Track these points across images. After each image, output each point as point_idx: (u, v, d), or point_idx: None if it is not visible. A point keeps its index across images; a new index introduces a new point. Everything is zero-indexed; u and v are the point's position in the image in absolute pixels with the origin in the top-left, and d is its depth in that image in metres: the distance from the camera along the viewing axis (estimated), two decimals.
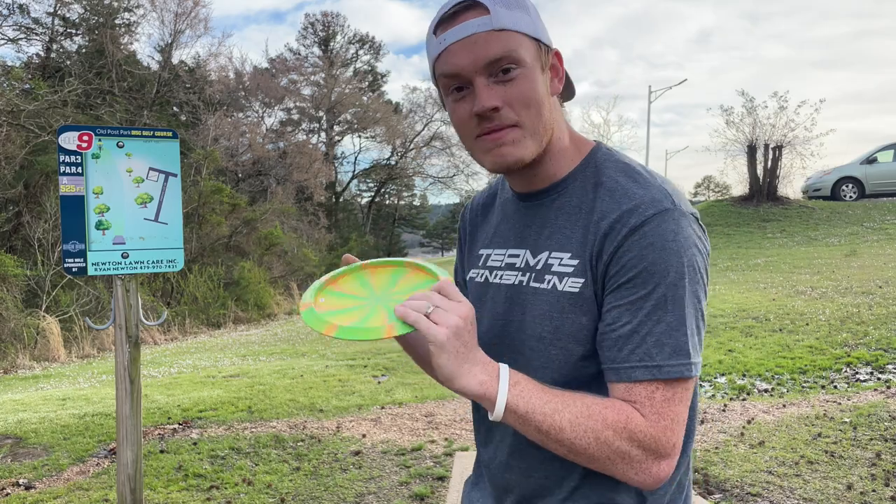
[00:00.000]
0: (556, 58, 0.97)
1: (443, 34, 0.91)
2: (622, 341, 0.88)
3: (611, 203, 0.92)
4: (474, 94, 0.91)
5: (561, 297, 0.94)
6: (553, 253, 0.97)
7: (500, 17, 0.89)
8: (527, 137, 0.92)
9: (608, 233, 0.90)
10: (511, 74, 0.90)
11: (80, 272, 2.83)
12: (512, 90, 0.90)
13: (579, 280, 0.92)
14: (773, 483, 3.41)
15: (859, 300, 7.37)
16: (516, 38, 0.90)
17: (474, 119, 0.92)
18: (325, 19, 39.68)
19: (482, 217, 1.16)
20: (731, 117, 17.45)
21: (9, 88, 15.82)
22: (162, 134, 3.02)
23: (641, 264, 0.87)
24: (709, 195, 61.48)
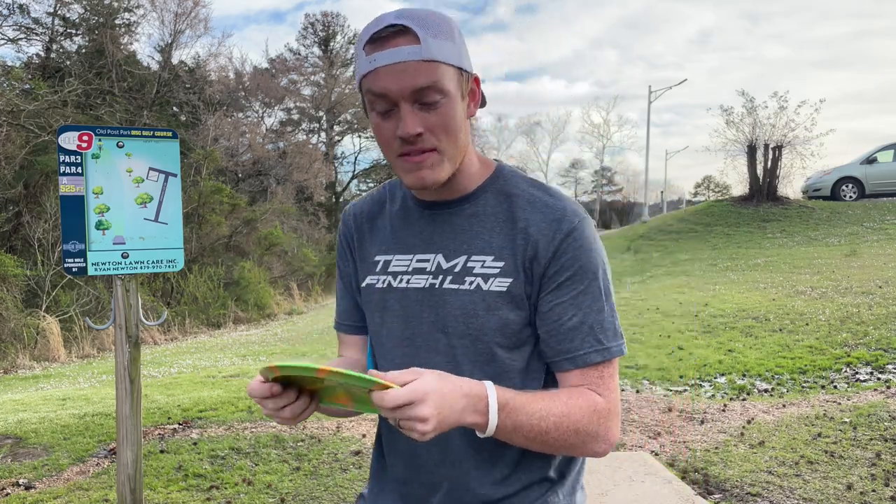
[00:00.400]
0: (474, 83, 1.04)
1: (374, 54, 0.97)
2: (573, 333, 1.01)
3: (534, 213, 1.04)
4: (399, 116, 0.97)
5: (487, 296, 1.03)
6: (473, 256, 1.05)
7: (429, 48, 0.95)
8: (444, 161, 1.00)
9: (541, 239, 1.02)
10: (436, 102, 0.97)
11: (80, 272, 2.83)
12: (434, 118, 0.97)
13: (507, 280, 1.03)
14: (773, 483, 3.41)
15: (859, 300, 7.37)
16: (442, 69, 0.96)
17: (398, 140, 0.99)
18: (325, 19, 39.70)
19: (369, 225, 1.19)
20: (731, 117, 17.46)
21: (9, 88, 15.83)
22: (162, 134, 3.02)
23: (577, 264, 1.01)
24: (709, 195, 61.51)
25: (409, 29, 0.95)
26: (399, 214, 1.14)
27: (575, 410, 0.97)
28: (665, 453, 4.02)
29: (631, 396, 5.30)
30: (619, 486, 3.45)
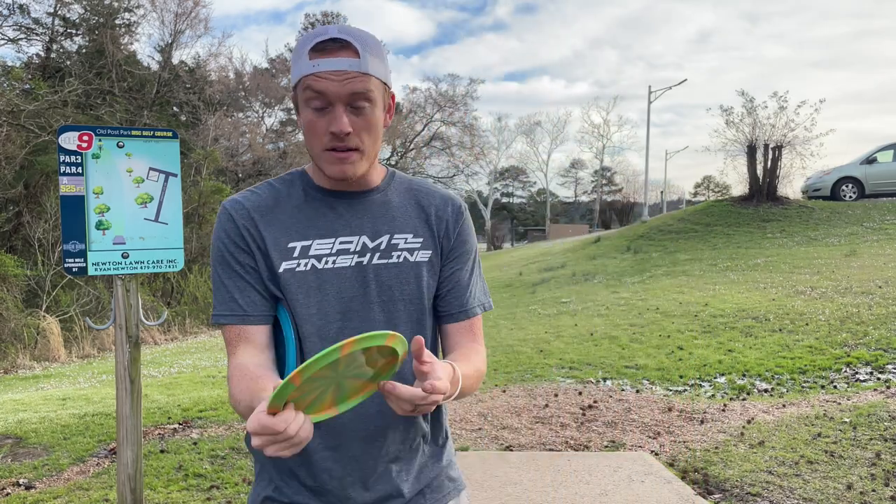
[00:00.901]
0: (391, 98, 1.24)
1: (317, 59, 1.13)
2: (465, 291, 1.31)
3: (438, 199, 1.31)
4: (333, 115, 1.13)
5: (414, 267, 1.25)
6: (395, 235, 1.25)
7: (367, 63, 1.13)
8: (363, 159, 1.18)
9: (448, 219, 1.29)
10: (364, 109, 1.15)
11: (81, 272, 2.83)
12: (361, 121, 1.15)
13: (427, 252, 1.27)
14: (773, 483, 3.41)
15: (859, 300, 7.37)
16: (373, 82, 1.14)
17: (328, 135, 1.15)
18: (325, 19, 39.71)
19: (268, 217, 1.24)
20: (730, 117, 17.44)
21: (9, 88, 15.83)
22: (162, 134, 3.02)
23: (469, 239, 1.32)
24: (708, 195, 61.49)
25: (350, 44, 1.13)
26: (308, 204, 1.25)
27: (481, 365, 1.26)
28: (665, 453, 4.02)
29: (631, 396, 5.31)
30: (619, 486, 3.45)
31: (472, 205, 51.14)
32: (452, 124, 40.58)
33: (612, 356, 6.62)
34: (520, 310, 10.51)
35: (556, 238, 34.04)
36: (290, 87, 1.21)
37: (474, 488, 3.51)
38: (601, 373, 6.10)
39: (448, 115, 40.23)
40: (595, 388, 5.64)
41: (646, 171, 25.37)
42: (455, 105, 40.51)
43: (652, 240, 15.51)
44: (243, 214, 1.23)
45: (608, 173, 57.29)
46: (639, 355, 6.56)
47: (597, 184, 55.51)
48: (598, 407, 5.03)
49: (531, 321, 9.12)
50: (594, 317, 8.51)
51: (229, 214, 1.24)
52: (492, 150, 48.49)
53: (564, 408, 5.05)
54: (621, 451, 4.07)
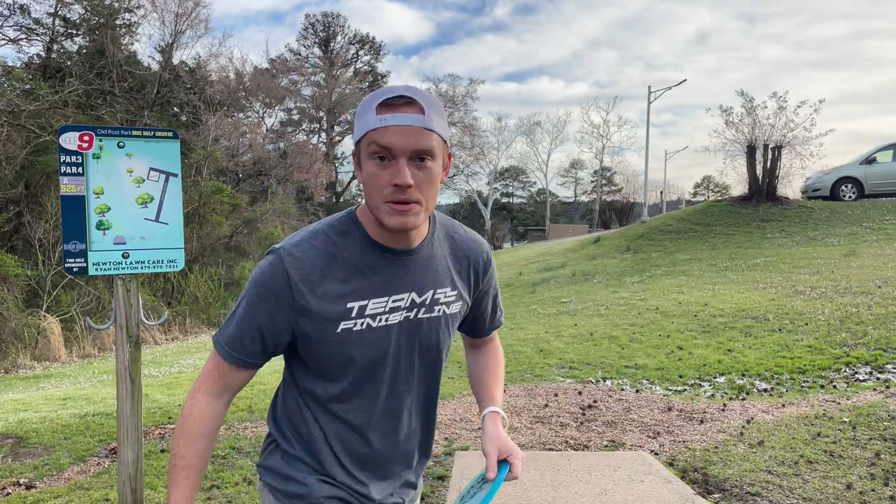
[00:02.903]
0: (448, 158, 1.31)
1: (384, 115, 1.19)
2: (490, 317, 1.56)
3: (468, 246, 1.44)
4: (397, 168, 1.19)
5: (449, 318, 1.40)
6: (437, 290, 1.35)
7: (431, 120, 1.20)
8: (422, 212, 1.23)
9: (480, 270, 1.46)
10: (426, 163, 1.21)
11: (81, 272, 2.84)
12: (423, 175, 1.21)
13: (459, 304, 1.41)
14: (773, 483, 3.42)
15: (858, 300, 7.37)
16: (435, 138, 1.21)
17: (391, 187, 1.19)
18: (325, 20, 39.73)
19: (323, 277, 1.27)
20: (730, 117, 17.44)
21: (9, 89, 15.83)
22: (162, 134, 3.03)
23: (494, 277, 1.52)
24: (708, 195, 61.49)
25: (416, 101, 1.20)
26: (363, 261, 1.29)
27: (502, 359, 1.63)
28: (665, 453, 4.02)
29: (631, 396, 5.31)
30: (618, 486, 3.46)
31: (473, 205, 51.17)
32: (452, 124, 40.57)
33: (611, 356, 6.62)
34: (520, 310, 10.51)
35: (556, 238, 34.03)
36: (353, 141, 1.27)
37: None
38: (601, 373, 6.10)
39: (448, 115, 40.23)
40: (595, 387, 5.65)
41: (645, 171, 25.37)
42: (455, 105, 40.52)
43: (651, 240, 15.51)
44: (301, 276, 1.25)
45: (608, 173, 57.28)
46: (638, 355, 6.57)
47: (596, 184, 55.50)
48: (597, 407, 5.04)
49: (531, 321, 9.12)
50: (594, 317, 8.52)
51: (285, 270, 1.24)
52: (492, 150, 48.47)
53: (564, 407, 5.05)
54: (621, 451, 4.08)
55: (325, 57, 38.68)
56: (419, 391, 1.41)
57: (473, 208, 50.87)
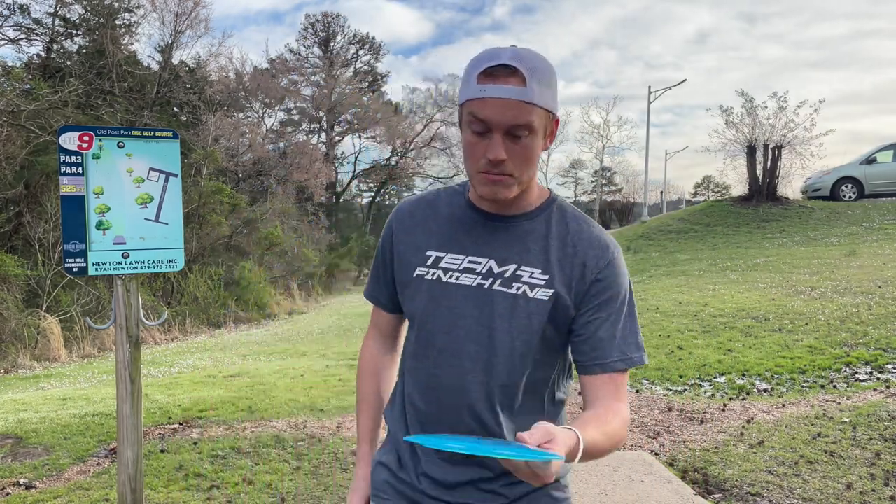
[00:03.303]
0: (554, 124, 1.22)
1: (484, 84, 1.14)
2: (605, 343, 1.22)
3: (583, 240, 1.24)
4: (492, 143, 1.15)
5: (530, 302, 1.22)
6: (523, 266, 1.24)
7: (533, 93, 1.13)
8: (514, 185, 1.20)
9: (588, 263, 1.22)
10: (522, 139, 1.15)
11: (81, 272, 2.84)
12: (518, 149, 1.16)
13: (550, 291, 1.22)
14: (773, 483, 3.42)
15: (858, 300, 7.37)
16: (536, 111, 1.14)
17: (484, 159, 1.17)
18: (325, 20, 39.72)
19: (413, 222, 1.35)
20: (730, 117, 17.44)
21: (9, 89, 15.83)
22: (162, 134, 3.02)
23: (612, 289, 1.22)
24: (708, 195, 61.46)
25: (519, 72, 1.13)
26: (457, 218, 1.31)
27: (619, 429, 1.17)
28: (665, 453, 4.02)
29: (631, 396, 5.31)
30: (619, 486, 3.46)
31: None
32: (452, 124, 40.55)
33: None
34: None
35: None
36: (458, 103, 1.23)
37: None
38: None
39: (448, 115, 40.21)
40: None
41: (645, 171, 25.37)
42: (455, 105, 40.48)
43: (652, 240, 15.51)
44: (400, 218, 1.38)
45: (608, 173, 57.25)
46: None
47: (597, 184, 55.48)
48: None
49: None
50: None
51: (392, 216, 1.40)
52: None
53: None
54: (621, 451, 4.08)
55: (324, 57, 38.67)
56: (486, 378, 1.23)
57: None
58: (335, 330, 12.23)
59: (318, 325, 13.41)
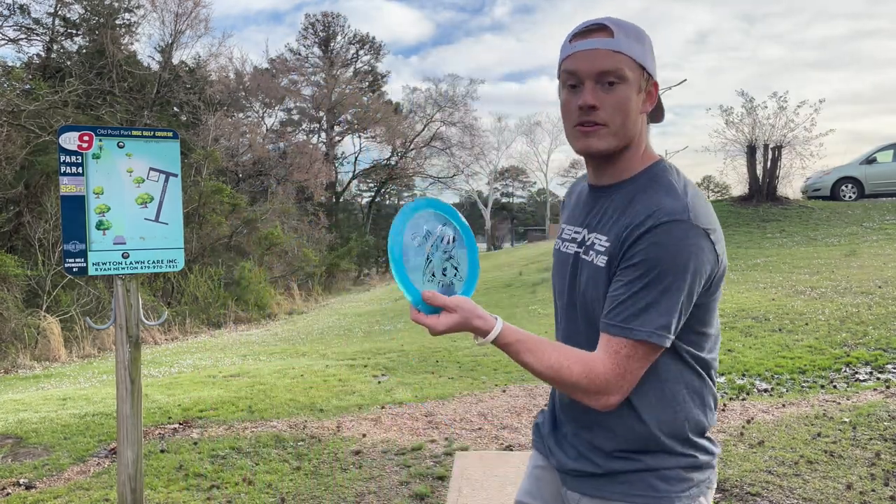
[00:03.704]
0: (653, 86, 1.27)
1: (576, 42, 1.22)
2: (614, 305, 1.18)
3: (642, 207, 1.20)
4: (582, 91, 1.20)
5: (597, 269, 1.25)
6: (597, 235, 1.27)
7: (619, 42, 1.19)
8: (609, 136, 1.22)
9: (632, 227, 1.18)
10: (615, 87, 1.19)
11: (81, 272, 2.84)
12: (610, 97, 1.20)
13: (605, 257, 1.23)
14: (773, 483, 3.42)
15: (859, 300, 7.37)
16: (626, 61, 1.19)
17: (577, 110, 1.21)
18: (325, 19, 39.72)
19: (568, 201, 1.49)
20: (730, 117, 17.42)
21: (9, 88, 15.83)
22: (162, 134, 3.03)
23: (645, 256, 1.15)
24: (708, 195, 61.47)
25: (607, 27, 1.20)
26: (579, 194, 1.42)
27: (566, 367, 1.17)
28: None
29: None
30: None
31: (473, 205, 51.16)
32: (452, 124, 40.57)
33: None
34: (520, 310, 10.51)
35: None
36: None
37: (474, 488, 3.52)
38: None
39: (448, 115, 40.22)
40: None
41: None
42: (455, 105, 40.49)
43: None
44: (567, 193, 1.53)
45: None
46: None
47: None
48: None
49: (531, 321, 9.12)
50: None
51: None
52: (492, 150, 48.43)
53: None
54: None
55: (325, 57, 38.66)
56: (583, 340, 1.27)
57: (473, 208, 50.85)
58: (335, 330, 12.24)
59: (318, 325, 13.42)
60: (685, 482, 1.25)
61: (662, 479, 1.25)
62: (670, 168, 1.27)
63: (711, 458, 1.29)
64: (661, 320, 1.15)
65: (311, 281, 22.47)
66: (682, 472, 1.25)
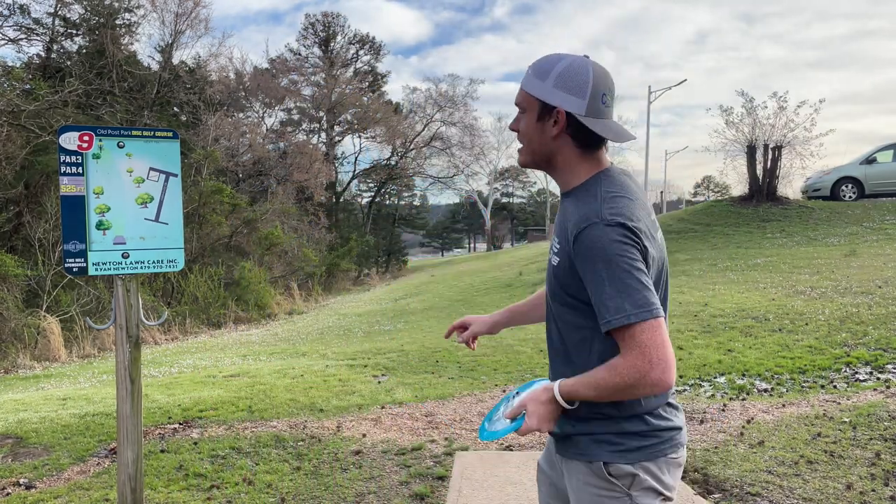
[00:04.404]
0: (558, 115, 1.47)
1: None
2: (597, 308, 1.37)
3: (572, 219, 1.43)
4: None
5: (555, 269, 1.49)
6: (556, 238, 1.52)
7: (524, 81, 1.52)
8: (526, 153, 1.57)
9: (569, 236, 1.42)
10: (522, 114, 1.53)
11: (81, 272, 2.84)
12: (522, 124, 1.55)
13: (558, 258, 1.48)
14: (773, 483, 3.42)
15: (859, 300, 7.37)
16: (525, 95, 1.52)
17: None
18: (325, 20, 39.71)
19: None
20: (730, 117, 17.43)
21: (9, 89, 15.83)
22: (162, 134, 3.03)
23: (584, 259, 1.38)
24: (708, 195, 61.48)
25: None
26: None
27: (602, 378, 1.36)
28: None
29: None
30: None
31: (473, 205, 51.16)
32: (452, 124, 40.57)
33: None
34: None
35: None
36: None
37: (474, 488, 3.52)
38: None
39: (448, 115, 40.21)
40: None
41: (645, 171, 25.36)
42: (455, 105, 40.50)
43: None
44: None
45: None
46: None
47: None
48: None
49: None
50: None
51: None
52: (492, 150, 48.46)
53: None
54: None
55: (325, 57, 38.66)
56: (555, 332, 1.55)
57: (473, 208, 50.87)
58: (335, 330, 12.23)
59: (318, 325, 13.42)
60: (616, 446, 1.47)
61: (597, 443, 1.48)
62: (605, 177, 1.48)
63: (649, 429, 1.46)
64: (629, 301, 1.33)
65: (311, 281, 22.47)
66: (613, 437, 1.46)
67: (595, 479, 1.47)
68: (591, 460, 1.47)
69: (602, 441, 1.47)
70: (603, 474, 1.45)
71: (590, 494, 1.48)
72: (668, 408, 1.51)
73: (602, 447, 1.47)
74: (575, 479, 1.51)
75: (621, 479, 1.45)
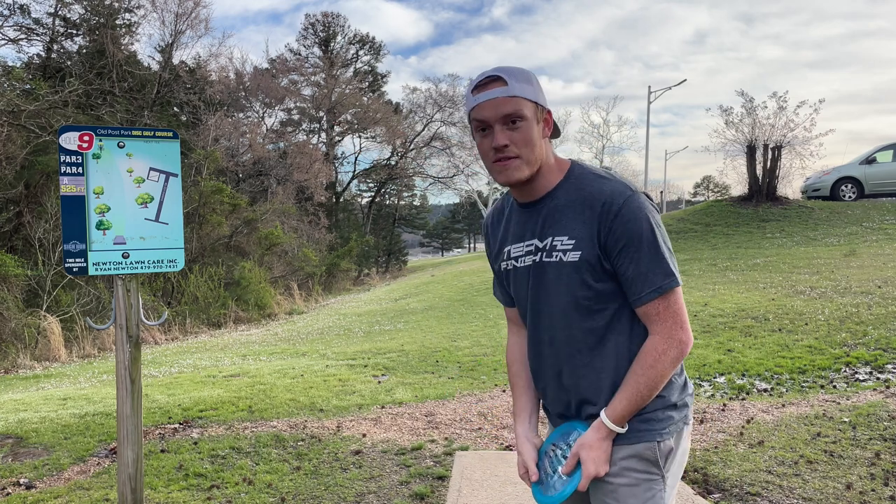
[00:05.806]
0: (548, 115, 1.50)
1: (477, 94, 1.45)
2: (633, 283, 1.42)
3: (595, 198, 1.44)
4: (493, 134, 1.44)
5: (565, 265, 1.46)
6: (555, 237, 1.48)
7: (514, 88, 1.43)
8: (524, 166, 1.46)
9: (601, 218, 1.42)
10: (517, 124, 1.44)
11: (81, 272, 2.84)
12: (517, 134, 1.44)
13: (577, 252, 1.45)
14: (773, 483, 3.42)
15: (858, 300, 7.37)
16: (521, 102, 1.43)
17: (492, 151, 1.45)
18: (325, 20, 39.72)
19: (495, 226, 1.68)
20: (730, 117, 17.44)
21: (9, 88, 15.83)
22: (162, 134, 3.03)
23: (628, 234, 1.40)
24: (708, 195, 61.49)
25: (500, 77, 1.43)
26: (511, 216, 1.62)
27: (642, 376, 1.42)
28: None
29: None
30: None
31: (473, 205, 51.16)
32: (452, 124, 40.55)
33: None
34: None
35: None
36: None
37: (474, 488, 3.52)
38: None
39: (448, 115, 40.20)
40: None
41: (645, 171, 25.37)
42: (455, 105, 40.47)
43: None
44: (485, 225, 1.73)
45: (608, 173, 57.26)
46: None
47: None
48: None
49: None
50: None
51: (483, 228, 1.75)
52: None
53: None
54: None
55: (325, 57, 38.65)
56: (557, 332, 1.52)
57: (473, 208, 50.85)
58: (335, 330, 12.23)
59: (318, 325, 13.41)
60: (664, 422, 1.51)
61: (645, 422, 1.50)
62: (581, 163, 1.55)
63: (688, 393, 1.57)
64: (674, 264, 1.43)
65: (311, 281, 22.47)
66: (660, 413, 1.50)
67: (639, 462, 1.45)
68: (640, 441, 1.45)
69: (650, 419, 1.47)
70: (653, 455, 1.45)
71: (629, 480, 1.45)
72: None
73: (651, 425, 1.47)
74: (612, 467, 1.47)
75: (664, 457, 1.47)
